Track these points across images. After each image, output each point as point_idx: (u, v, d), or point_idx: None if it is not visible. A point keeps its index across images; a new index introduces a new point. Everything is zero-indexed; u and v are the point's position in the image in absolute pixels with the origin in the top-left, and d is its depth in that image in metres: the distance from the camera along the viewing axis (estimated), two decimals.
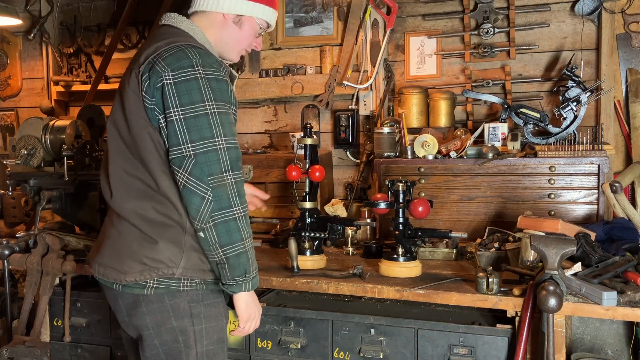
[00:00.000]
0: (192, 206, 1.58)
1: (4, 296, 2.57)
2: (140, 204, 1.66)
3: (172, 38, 1.69)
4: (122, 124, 1.70)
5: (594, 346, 2.74)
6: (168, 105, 1.60)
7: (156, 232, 1.65)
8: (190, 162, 1.57)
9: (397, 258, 2.22)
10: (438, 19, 3.22)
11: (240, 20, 1.81)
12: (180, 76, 1.60)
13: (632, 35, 2.95)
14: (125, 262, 1.66)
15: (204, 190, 1.56)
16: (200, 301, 1.70)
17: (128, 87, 1.67)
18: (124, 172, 1.70)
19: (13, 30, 4.13)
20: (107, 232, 1.77)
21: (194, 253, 1.67)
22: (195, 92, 1.59)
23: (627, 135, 2.94)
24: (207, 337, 1.71)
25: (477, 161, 2.71)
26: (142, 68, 1.64)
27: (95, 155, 2.59)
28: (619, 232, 2.33)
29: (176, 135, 1.59)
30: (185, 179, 1.58)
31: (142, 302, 1.66)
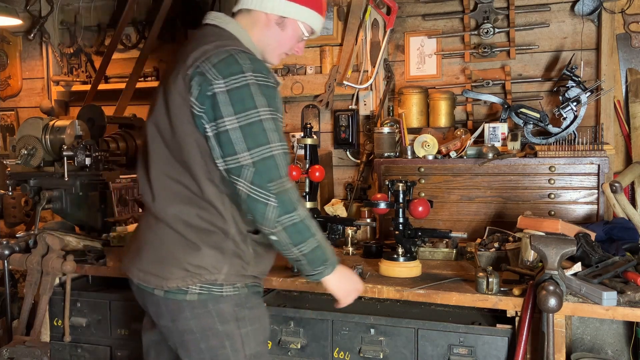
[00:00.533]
0: (258, 213, 1.58)
1: (4, 296, 2.57)
2: (183, 210, 1.64)
3: (220, 41, 1.64)
4: (166, 127, 1.66)
5: (594, 346, 2.74)
6: (220, 114, 1.56)
7: (199, 238, 1.64)
8: (249, 170, 1.56)
9: (397, 258, 2.22)
10: (438, 19, 3.22)
11: (283, 22, 1.76)
12: (232, 83, 1.56)
13: (632, 35, 2.95)
14: (167, 268, 1.64)
15: (266, 197, 1.56)
16: (244, 305, 1.70)
17: (174, 90, 1.62)
18: (166, 177, 1.67)
19: (13, 30, 4.14)
20: (144, 236, 1.73)
21: (236, 259, 1.67)
22: (248, 99, 1.57)
23: (627, 135, 2.94)
24: (254, 339, 1.72)
25: (477, 161, 2.71)
26: (189, 72, 1.59)
27: (95, 156, 2.58)
28: (619, 232, 2.33)
29: (231, 144, 1.56)
30: (247, 189, 1.57)
31: (185, 308, 1.64)
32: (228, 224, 1.65)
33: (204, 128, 1.60)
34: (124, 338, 2.45)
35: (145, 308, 1.80)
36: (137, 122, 3.11)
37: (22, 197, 2.90)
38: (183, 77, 1.60)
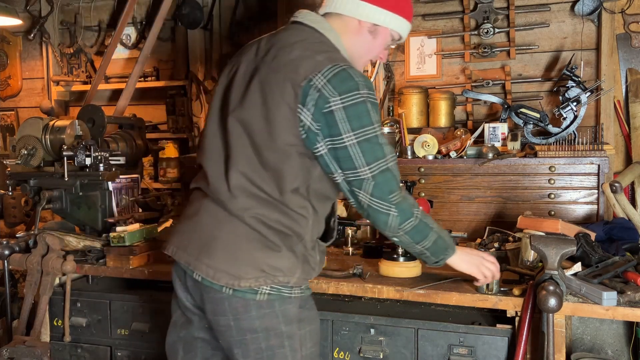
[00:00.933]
0: (380, 222, 1.67)
1: (4, 296, 2.57)
2: (265, 212, 1.62)
3: (329, 53, 1.64)
4: (261, 131, 1.62)
5: (594, 346, 2.74)
6: (338, 131, 1.58)
7: (280, 240, 1.64)
8: (369, 184, 1.62)
9: (397, 258, 2.22)
10: (438, 19, 3.22)
11: (375, 30, 1.75)
12: (348, 100, 1.57)
13: (632, 35, 2.95)
14: (242, 268, 1.61)
15: (387, 208, 1.64)
16: (304, 306, 1.73)
17: (281, 98, 1.59)
18: (246, 179, 1.63)
19: (13, 30, 4.14)
20: (213, 230, 1.67)
21: (306, 264, 1.70)
22: (365, 116, 1.59)
23: (627, 135, 2.94)
24: (310, 339, 1.73)
25: (477, 161, 2.71)
26: (303, 84, 1.57)
27: (95, 156, 2.58)
28: (619, 232, 2.33)
29: (351, 159, 1.60)
30: (368, 200, 1.64)
31: (252, 307, 1.63)
32: (305, 231, 1.68)
33: (315, 144, 1.61)
34: (124, 338, 2.45)
35: (192, 304, 1.75)
36: (137, 122, 3.11)
37: (22, 197, 2.89)
38: (294, 88, 1.58)
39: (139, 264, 2.43)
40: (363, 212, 1.69)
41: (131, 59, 3.90)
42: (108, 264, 2.44)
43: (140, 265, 2.43)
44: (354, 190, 1.64)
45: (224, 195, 1.65)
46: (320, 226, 1.78)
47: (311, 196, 1.68)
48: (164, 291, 2.50)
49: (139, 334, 2.42)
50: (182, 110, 3.75)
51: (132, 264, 2.40)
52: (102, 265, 2.46)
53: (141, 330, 2.41)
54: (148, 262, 2.48)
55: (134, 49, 3.90)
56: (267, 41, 1.74)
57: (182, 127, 3.76)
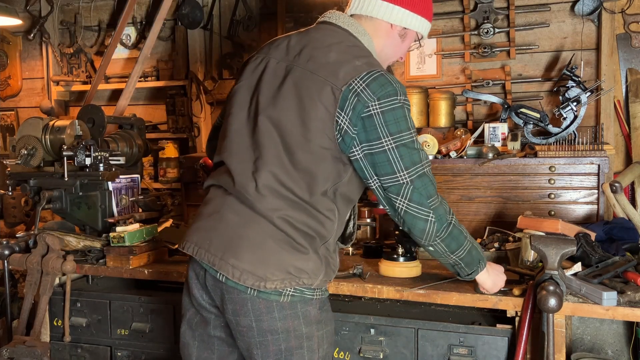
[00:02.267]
0: (417, 229, 1.66)
1: (4, 296, 2.57)
2: (292, 214, 1.62)
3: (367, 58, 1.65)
4: (295, 132, 1.61)
5: (594, 346, 2.74)
6: (377, 135, 1.59)
7: (307, 242, 1.64)
8: (408, 188, 1.62)
9: (397, 258, 2.22)
10: (438, 19, 3.22)
11: (405, 33, 1.79)
12: (387, 105, 1.59)
13: (632, 35, 2.95)
14: (269, 269, 1.59)
15: (426, 213, 1.64)
16: (323, 307, 1.72)
17: (319, 100, 1.59)
18: (276, 181, 1.61)
19: (13, 30, 4.14)
20: (239, 231, 1.63)
21: (329, 267, 1.70)
22: (402, 121, 1.61)
23: (627, 135, 2.94)
24: (326, 341, 1.73)
25: (477, 161, 2.71)
26: (343, 88, 1.58)
27: (95, 156, 2.58)
28: (619, 232, 2.33)
29: (389, 164, 1.61)
30: (406, 206, 1.63)
31: (275, 308, 1.62)
32: (330, 233, 1.68)
33: (351, 148, 1.62)
34: (124, 338, 2.45)
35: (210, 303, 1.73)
36: (137, 122, 3.11)
37: (22, 197, 2.89)
38: (333, 92, 1.59)
39: (139, 264, 2.43)
40: (399, 220, 1.68)
41: (131, 59, 3.90)
42: (108, 264, 2.44)
43: (140, 265, 2.43)
44: (391, 197, 1.64)
45: (252, 195, 1.62)
46: (341, 229, 1.79)
47: (337, 199, 1.69)
48: (164, 291, 2.51)
49: (139, 334, 2.42)
50: (182, 110, 3.75)
51: (132, 264, 2.40)
52: (102, 265, 2.46)
53: (141, 330, 2.41)
54: (148, 262, 2.48)
55: (134, 49, 3.90)
56: (297, 40, 1.72)
57: (182, 127, 3.76)
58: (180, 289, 2.46)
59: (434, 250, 1.74)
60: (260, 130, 1.65)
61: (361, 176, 1.67)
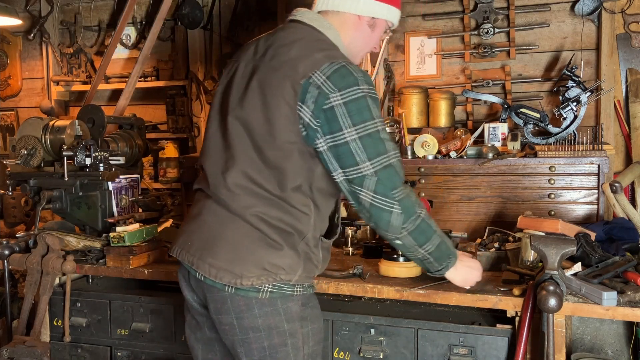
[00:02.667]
0: (382, 221, 1.62)
1: (4, 296, 2.57)
2: (266, 211, 1.63)
3: (328, 51, 1.64)
4: (262, 131, 1.63)
5: (594, 346, 2.74)
6: (339, 127, 1.57)
7: (281, 238, 1.64)
8: (372, 180, 1.58)
9: (397, 258, 2.22)
10: (438, 19, 3.22)
11: (374, 23, 1.78)
12: (349, 96, 1.57)
13: (632, 35, 2.95)
14: (245, 266, 1.61)
15: (390, 205, 1.59)
16: (307, 304, 1.72)
17: (280, 97, 1.60)
18: (249, 181, 1.64)
19: (13, 30, 4.14)
20: (215, 230, 1.67)
21: (309, 262, 1.69)
22: (365, 111, 1.58)
23: (627, 135, 2.94)
24: (312, 338, 1.73)
25: (477, 161, 2.71)
26: (302, 82, 1.58)
27: (95, 156, 2.58)
28: (619, 232, 2.33)
29: (352, 155, 1.58)
30: (370, 198, 1.59)
31: (255, 306, 1.63)
32: (307, 228, 1.67)
33: (314, 141, 1.60)
34: (124, 338, 2.45)
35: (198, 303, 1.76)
36: (137, 122, 3.11)
37: (22, 197, 2.90)
38: (293, 86, 1.58)
39: (139, 264, 2.43)
40: (364, 213, 1.65)
41: (131, 59, 3.90)
42: (108, 264, 2.44)
43: (140, 265, 2.43)
44: (355, 190, 1.61)
45: (225, 195, 1.66)
46: (324, 224, 1.77)
47: (314, 194, 1.69)
48: (164, 291, 2.51)
49: (139, 334, 2.42)
50: (182, 110, 3.75)
51: (132, 264, 2.40)
52: (102, 265, 2.46)
53: (141, 330, 2.41)
54: (148, 262, 2.48)
55: (134, 49, 3.90)
56: (265, 40, 1.75)
57: (182, 127, 3.76)
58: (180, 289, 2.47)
59: (401, 244, 1.68)
60: (230, 131, 1.68)
61: (327, 169, 1.64)
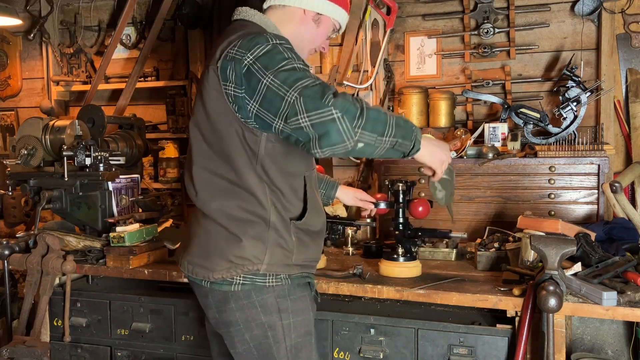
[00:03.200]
0: (333, 134, 1.49)
1: (4, 296, 2.57)
2: (225, 203, 1.69)
3: (245, 30, 1.68)
4: (205, 123, 1.71)
5: (594, 346, 2.74)
6: (258, 78, 1.55)
7: (241, 230, 1.68)
8: (300, 102, 1.49)
9: (397, 258, 2.22)
10: (438, 19, 3.22)
11: (319, 19, 1.83)
12: (259, 51, 1.57)
13: (632, 35, 2.95)
14: (214, 260, 1.69)
15: (328, 112, 1.47)
16: (286, 296, 1.73)
17: (208, 85, 1.66)
18: (207, 172, 1.72)
19: (13, 30, 4.14)
20: (194, 230, 1.79)
21: (278, 249, 1.69)
22: (277, 55, 1.57)
23: (627, 135, 2.94)
24: (295, 330, 1.74)
25: (477, 161, 2.71)
26: (219, 63, 1.63)
27: (95, 156, 2.58)
28: (619, 232, 2.33)
29: (276, 94, 1.52)
30: (307, 119, 1.49)
31: (231, 299, 1.70)
32: (269, 213, 1.68)
33: (247, 109, 1.60)
34: (124, 338, 2.45)
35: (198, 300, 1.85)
36: (137, 122, 3.11)
37: (22, 197, 2.90)
38: (214, 71, 1.64)
39: (139, 264, 2.43)
40: (314, 143, 1.52)
41: (131, 59, 3.90)
42: (108, 264, 2.44)
43: (140, 265, 2.43)
44: (293, 124, 1.51)
45: (193, 194, 1.77)
46: (292, 205, 1.73)
47: (269, 175, 1.67)
48: (164, 291, 2.51)
49: (139, 334, 2.42)
50: (182, 110, 3.74)
51: (132, 264, 2.40)
52: (102, 265, 2.46)
53: (141, 330, 2.41)
54: (148, 262, 2.48)
55: (134, 49, 3.90)
56: None
57: (182, 127, 3.75)
58: (180, 289, 2.47)
59: (364, 145, 1.53)
60: (190, 136, 1.78)
61: (270, 130, 1.60)
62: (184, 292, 2.45)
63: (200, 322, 2.33)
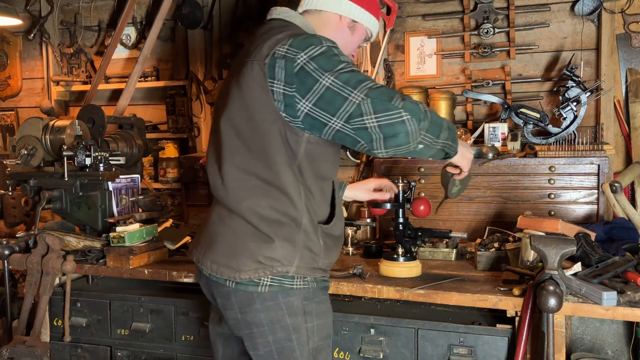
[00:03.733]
0: (401, 135, 1.53)
1: (4, 296, 2.57)
2: (257, 202, 1.66)
3: (293, 31, 1.68)
4: (242, 119, 1.67)
5: (594, 346, 2.74)
6: (315, 78, 1.55)
7: (272, 230, 1.66)
8: (367, 103, 1.51)
9: (397, 258, 2.22)
10: (438, 19, 3.22)
11: (354, 26, 1.85)
12: (314, 52, 1.57)
13: (632, 35, 2.95)
14: (241, 260, 1.65)
15: (398, 114, 1.51)
16: (311, 299, 1.72)
17: (251, 81, 1.64)
18: (240, 170, 1.68)
19: (13, 30, 4.14)
20: (216, 228, 1.75)
21: (307, 251, 1.69)
22: (334, 58, 1.58)
23: (627, 135, 2.94)
24: (317, 333, 1.73)
25: (477, 161, 2.71)
26: (267, 60, 1.61)
27: (95, 156, 2.58)
28: (619, 232, 2.33)
29: (337, 94, 1.53)
30: (375, 120, 1.51)
31: (256, 300, 1.66)
32: (301, 214, 1.67)
33: (295, 108, 1.59)
34: (124, 338, 2.45)
35: (213, 300, 1.81)
36: (137, 122, 3.11)
37: (22, 197, 2.89)
38: (260, 68, 1.62)
39: (139, 264, 2.43)
40: (378, 144, 1.54)
41: (131, 59, 3.90)
42: (108, 264, 2.44)
43: (140, 265, 2.43)
44: (357, 124, 1.53)
45: (221, 191, 1.73)
46: (321, 209, 1.75)
47: (304, 176, 1.68)
48: (164, 291, 2.51)
49: (139, 334, 2.42)
50: (182, 110, 3.75)
51: (132, 264, 2.40)
52: (102, 265, 2.46)
53: (141, 330, 2.41)
54: (148, 262, 2.48)
55: (134, 49, 3.90)
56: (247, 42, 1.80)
57: (182, 127, 3.75)
58: (180, 289, 2.47)
59: (423, 147, 1.60)
60: (221, 132, 1.73)
61: (321, 130, 1.60)
62: (184, 292, 2.46)
63: (200, 322, 2.33)
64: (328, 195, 1.79)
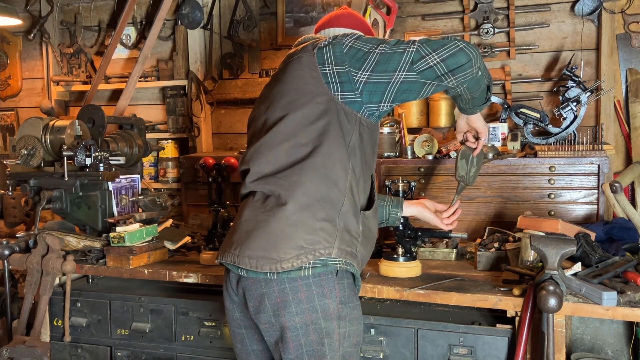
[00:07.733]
0: (463, 61, 1.65)
1: (4, 296, 2.57)
2: (302, 184, 1.66)
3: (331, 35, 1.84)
4: (290, 104, 1.73)
5: (594, 346, 2.74)
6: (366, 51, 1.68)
7: (312, 212, 1.65)
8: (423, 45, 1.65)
9: (397, 258, 2.22)
10: (438, 19, 3.22)
11: None
12: (354, 38, 1.73)
13: (632, 35, 2.95)
14: (281, 249, 1.61)
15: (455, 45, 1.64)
16: (347, 303, 1.70)
17: (302, 70, 1.73)
18: (286, 142, 1.71)
19: (13, 30, 4.14)
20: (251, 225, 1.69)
21: (346, 233, 1.68)
22: (372, 38, 1.73)
23: (627, 135, 2.94)
24: (348, 340, 1.72)
25: None
26: (315, 51, 1.73)
27: (95, 156, 2.58)
28: (619, 232, 2.33)
29: (394, 52, 1.66)
30: (436, 56, 1.64)
31: (292, 303, 1.63)
32: (344, 195, 1.68)
33: (355, 79, 1.69)
34: (124, 338, 2.45)
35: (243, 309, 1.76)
36: (137, 122, 3.11)
37: (22, 197, 2.89)
38: (309, 58, 1.73)
39: (139, 264, 2.43)
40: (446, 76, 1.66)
41: (131, 59, 3.90)
42: (108, 264, 2.44)
43: (140, 265, 2.43)
44: (420, 67, 1.64)
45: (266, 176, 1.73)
46: (361, 195, 1.77)
47: (352, 162, 1.72)
48: (164, 291, 2.51)
49: (139, 334, 2.42)
50: (182, 110, 3.75)
51: (132, 264, 2.40)
52: (102, 265, 2.46)
53: (141, 330, 2.41)
54: (148, 262, 2.48)
55: (134, 49, 3.90)
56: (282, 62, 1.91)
57: (182, 127, 3.76)
58: (180, 289, 2.48)
59: (481, 74, 1.74)
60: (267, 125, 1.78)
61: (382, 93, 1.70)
62: (184, 292, 2.46)
63: (200, 322, 2.33)
64: (368, 187, 1.83)
